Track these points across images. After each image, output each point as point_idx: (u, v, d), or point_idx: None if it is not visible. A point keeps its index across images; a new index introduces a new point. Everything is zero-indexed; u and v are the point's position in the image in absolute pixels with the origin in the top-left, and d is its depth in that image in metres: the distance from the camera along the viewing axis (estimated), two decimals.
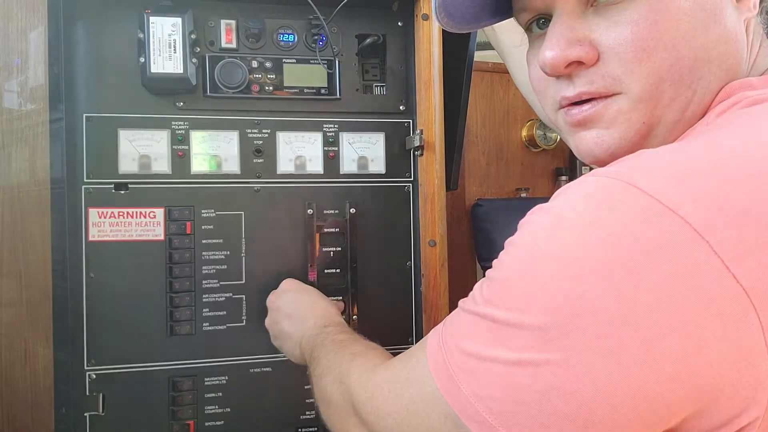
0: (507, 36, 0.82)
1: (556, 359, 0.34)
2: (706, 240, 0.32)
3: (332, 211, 0.86)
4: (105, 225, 0.78)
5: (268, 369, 0.82)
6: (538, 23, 0.50)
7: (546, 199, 0.39)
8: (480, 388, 0.37)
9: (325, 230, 0.85)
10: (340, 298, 0.85)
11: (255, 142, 0.83)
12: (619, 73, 0.44)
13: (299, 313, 0.74)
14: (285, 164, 0.84)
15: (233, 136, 0.83)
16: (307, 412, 0.83)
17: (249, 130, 0.83)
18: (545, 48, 0.46)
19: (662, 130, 0.45)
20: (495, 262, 0.40)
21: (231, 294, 0.81)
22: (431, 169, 0.85)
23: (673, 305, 0.32)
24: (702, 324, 0.32)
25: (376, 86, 0.89)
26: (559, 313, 0.34)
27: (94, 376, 0.77)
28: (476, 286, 0.41)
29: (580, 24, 0.45)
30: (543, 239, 0.36)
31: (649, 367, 0.32)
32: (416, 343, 0.51)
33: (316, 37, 0.85)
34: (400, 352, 0.51)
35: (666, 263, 0.32)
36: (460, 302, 0.43)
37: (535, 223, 0.38)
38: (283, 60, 0.84)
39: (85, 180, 0.78)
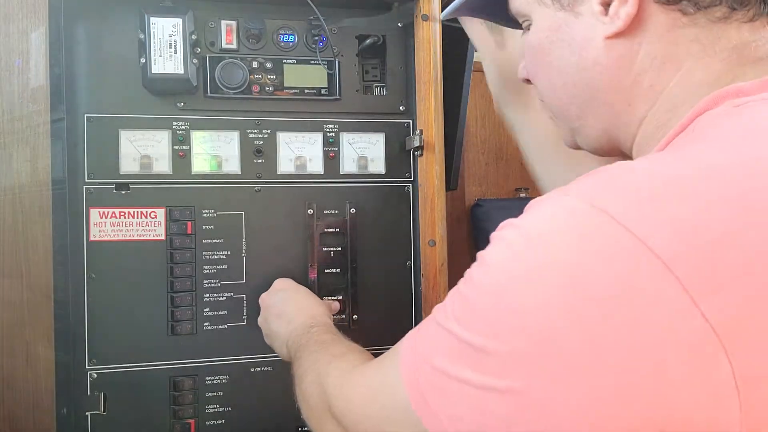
0: (513, 111, 0.77)
1: (518, 387, 0.33)
2: (675, 275, 0.30)
3: (332, 211, 0.86)
4: (106, 225, 0.78)
5: (268, 368, 0.82)
6: None
7: None
8: (447, 407, 0.37)
9: (325, 230, 0.85)
10: (340, 297, 0.85)
11: (255, 142, 0.84)
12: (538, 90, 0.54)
13: (288, 312, 0.74)
14: (285, 164, 0.85)
15: (234, 137, 0.83)
16: None
17: (249, 131, 0.84)
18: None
19: (599, 141, 0.51)
20: (466, 274, 0.39)
21: (232, 294, 0.82)
22: (431, 170, 0.85)
23: (640, 342, 0.31)
24: (670, 363, 0.30)
25: (376, 87, 0.89)
26: (523, 342, 0.33)
27: (96, 376, 0.77)
28: (449, 295, 0.40)
29: None
30: (510, 261, 0.35)
31: (614, 404, 0.31)
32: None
33: (316, 38, 0.86)
34: None
35: (634, 298, 0.31)
36: (435, 309, 0.42)
37: (504, 241, 0.37)
38: (284, 60, 0.85)
39: (86, 180, 0.78)
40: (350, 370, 0.52)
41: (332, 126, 0.86)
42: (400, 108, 0.89)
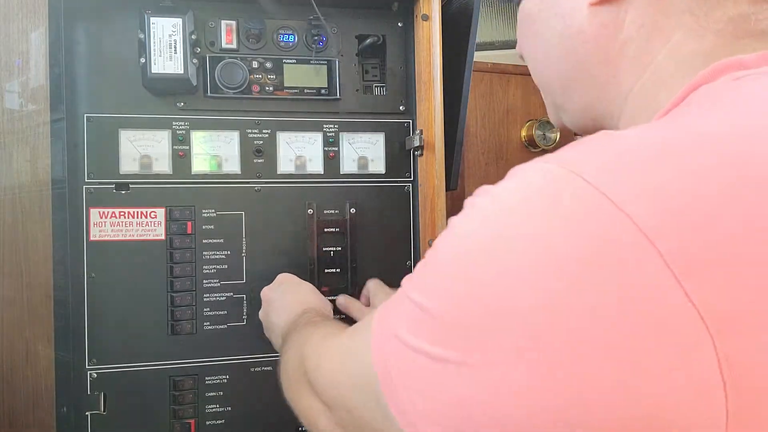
0: None
1: (473, 362, 0.30)
2: (655, 247, 0.27)
3: (332, 211, 0.86)
4: (106, 225, 0.78)
5: (268, 368, 0.83)
6: None
7: None
8: (407, 381, 0.34)
9: (325, 230, 0.85)
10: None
11: (255, 142, 0.84)
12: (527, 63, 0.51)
13: (288, 305, 0.74)
14: (285, 164, 0.85)
15: (234, 137, 0.83)
16: None
17: (249, 131, 0.84)
18: None
19: (583, 117, 0.49)
20: (433, 242, 0.36)
21: (232, 293, 0.82)
22: (431, 169, 0.85)
23: (611, 322, 0.27)
24: (645, 347, 0.26)
25: (376, 86, 0.89)
26: (480, 312, 0.30)
27: (96, 375, 0.77)
28: (418, 264, 0.38)
29: None
30: (476, 226, 0.33)
31: (578, 391, 0.27)
32: None
33: (316, 38, 0.86)
34: None
35: (605, 272, 0.27)
36: (405, 279, 0.39)
37: (475, 207, 0.34)
38: (284, 60, 0.85)
39: (86, 180, 0.78)
40: (328, 335, 0.51)
41: (332, 126, 0.87)
42: (400, 108, 0.89)
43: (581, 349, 0.27)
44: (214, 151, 0.82)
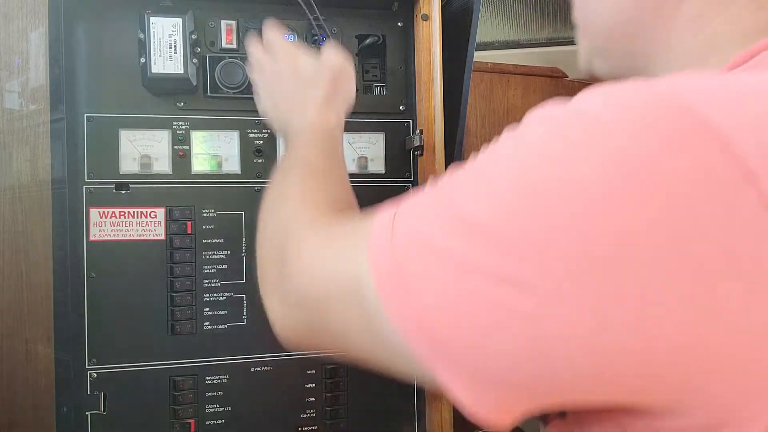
0: None
1: (536, 283, 0.28)
2: (759, 188, 0.25)
3: None
4: (106, 225, 0.78)
5: (268, 368, 0.82)
6: None
7: None
8: (425, 290, 0.31)
9: None
10: None
11: (255, 142, 0.84)
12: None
13: (298, 108, 0.66)
14: None
15: (234, 136, 0.83)
16: (308, 411, 0.83)
17: (249, 130, 0.84)
18: None
19: (621, 66, 0.47)
20: (487, 149, 0.33)
21: (232, 293, 0.82)
22: (431, 169, 0.85)
23: (694, 260, 0.25)
24: (734, 292, 0.25)
25: (376, 86, 0.89)
26: (547, 233, 0.28)
27: (96, 375, 0.77)
28: (449, 174, 0.35)
29: None
30: (553, 135, 0.30)
31: (648, 329, 0.26)
32: None
33: (316, 38, 0.86)
34: None
35: (700, 209, 0.26)
36: (435, 185, 0.35)
37: (545, 117, 0.31)
38: None
39: (86, 180, 0.78)
40: (317, 225, 0.47)
41: None
42: (400, 108, 0.89)
43: (658, 285, 0.26)
44: (214, 151, 0.82)
